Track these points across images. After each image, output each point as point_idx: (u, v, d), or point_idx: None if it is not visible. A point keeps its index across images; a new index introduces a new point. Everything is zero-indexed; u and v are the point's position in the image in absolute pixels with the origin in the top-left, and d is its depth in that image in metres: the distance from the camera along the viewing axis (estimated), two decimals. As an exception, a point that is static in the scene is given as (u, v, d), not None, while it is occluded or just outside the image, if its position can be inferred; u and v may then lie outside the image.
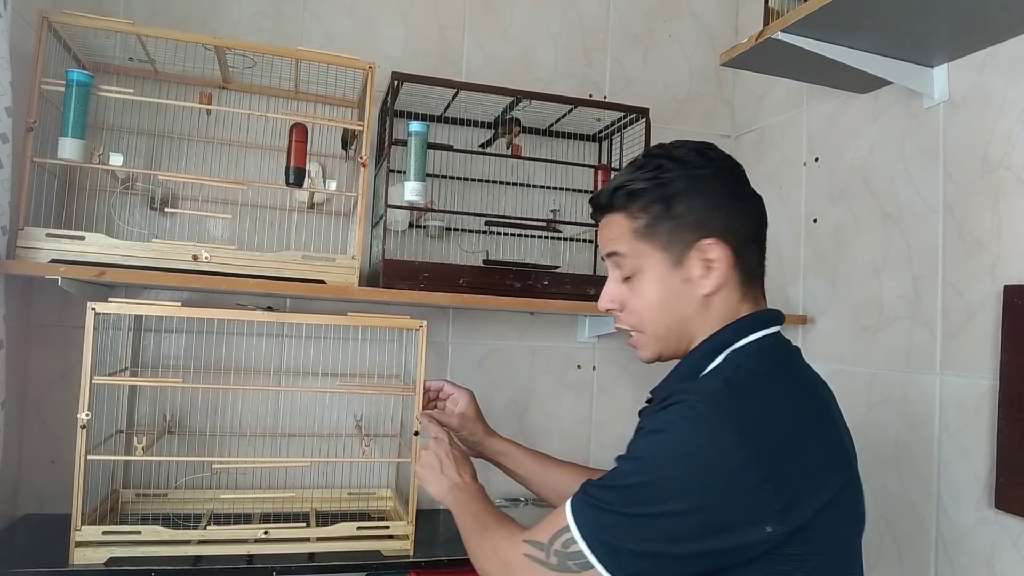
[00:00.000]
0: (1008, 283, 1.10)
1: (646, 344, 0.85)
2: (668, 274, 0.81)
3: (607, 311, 0.87)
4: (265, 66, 1.38)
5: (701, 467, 0.66)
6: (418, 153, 1.34)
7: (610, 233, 0.84)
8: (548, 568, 0.73)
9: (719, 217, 0.79)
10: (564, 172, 1.67)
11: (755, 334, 0.79)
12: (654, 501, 0.67)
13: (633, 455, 0.72)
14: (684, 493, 0.66)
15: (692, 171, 0.79)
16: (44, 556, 1.12)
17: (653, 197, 0.80)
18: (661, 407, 0.72)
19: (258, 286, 1.21)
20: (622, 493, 0.69)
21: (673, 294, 0.81)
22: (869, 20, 1.11)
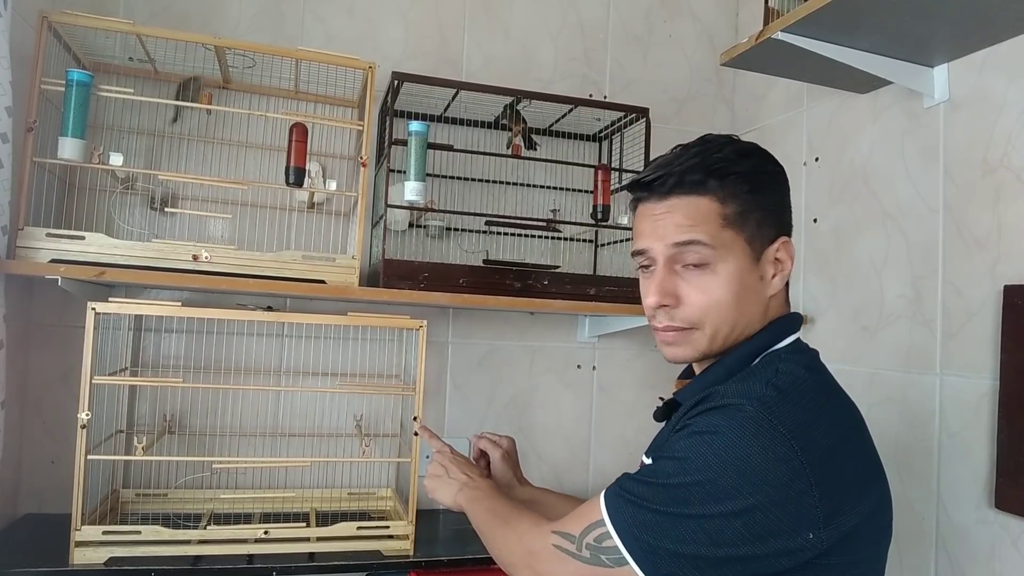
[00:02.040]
0: (1008, 283, 1.10)
1: (696, 342, 0.77)
2: (748, 269, 0.75)
3: (659, 306, 0.77)
4: (265, 66, 1.38)
5: (751, 471, 0.63)
6: (418, 153, 1.34)
7: (687, 217, 0.74)
8: (579, 560, 0.71)
9: (788, 216, 0.77)
10: (564, 172, 1.67)
11: (790, 337, 0.76)
12: (700, 502, 0.64)
13: (676, 455, 0.68)
14: (731, 496, 0.63)
15: (770, 164, 0.77)
16: (44, 556, 1.12)
17: (748, 182, 0.74)
18: (704, 410, 0.70)
19: (258, 286, 1.21)
20: (664, 492, 0.66)
21: (748, 291, 0.75)
22: (869, 20, 1.11)
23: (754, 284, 0.75)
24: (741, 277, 0.75)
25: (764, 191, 0.75)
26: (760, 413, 0.65)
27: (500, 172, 1.62)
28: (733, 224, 0.74)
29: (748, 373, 0.73)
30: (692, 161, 0.74)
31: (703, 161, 0.74)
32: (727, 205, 0.74)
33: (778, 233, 0.76)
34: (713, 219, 0.74)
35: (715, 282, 0.74)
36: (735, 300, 0.75)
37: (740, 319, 0.75)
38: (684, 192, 0.74)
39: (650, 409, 1.90)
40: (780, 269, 0.76)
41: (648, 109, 1.51)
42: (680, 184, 0.74)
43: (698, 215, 0.74)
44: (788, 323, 0.77)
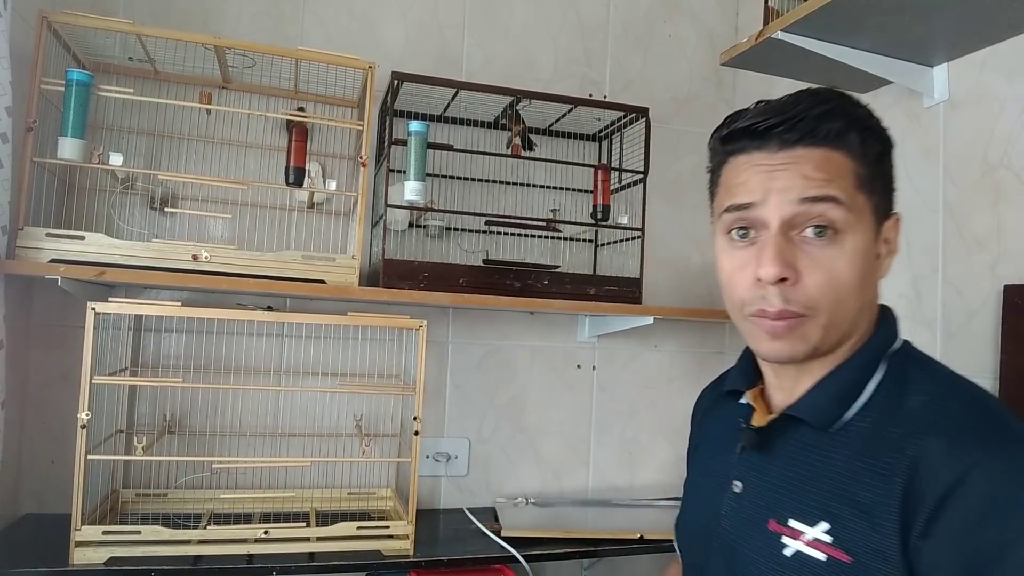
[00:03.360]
0: (1008, 283, 1.10)
1: (807, 334, 0.62)
2: (871, 244, 0.63)
3: (777, 280, 0.60)
4: (265, 66, 1.38)
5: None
6: (418, 153, 1.34)
7: (819, 169, 0.61)
8: None
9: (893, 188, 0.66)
10: (564, 172, 1.67)
11: (900, 332, 0.66)
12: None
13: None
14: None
15: (875, 119, 0.65)
16: (44, 556, 1.12)
17: (881, 143, 0.64)
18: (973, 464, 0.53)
19: (258, 286, 1.21)
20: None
21: (869, 271, 0.63)
22: (869, 20, 1.11)
23: (873, 263, 0.64)
24: (867, 251, 0.62)
25: (889, 156, 0.65)
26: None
27: (500, 172, 1.62)
28: (865, 187, 0.62)
29: (893, 386, 0.62)
30: (825, 107, 0.61)
31: (842, 110, 0.62)
32: (862, 165, 0.62)
33: (891, 205, 0.65)
34: (850, 177, 0.61)
35: (841, 257, 0.61)
36: (860, 279, 0.62)
37: (859, 303, 0.63)
38: (816, 143, 0.61)
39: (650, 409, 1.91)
40: (889, 251, 0.66)
41: (648, 109, 1.51)
42: (813, 133, 0.61)
43: (835, 170, 0.61)
44: (893, 316, 0.67)
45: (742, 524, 0.67)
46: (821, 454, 0.62)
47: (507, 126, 1.53)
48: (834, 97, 0.63)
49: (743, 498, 0.68)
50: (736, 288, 0.64)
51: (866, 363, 0.64)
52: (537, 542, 1.36)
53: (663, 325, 1.74)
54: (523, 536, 1.36)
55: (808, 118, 0.61)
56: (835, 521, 0.57)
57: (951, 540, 0.52)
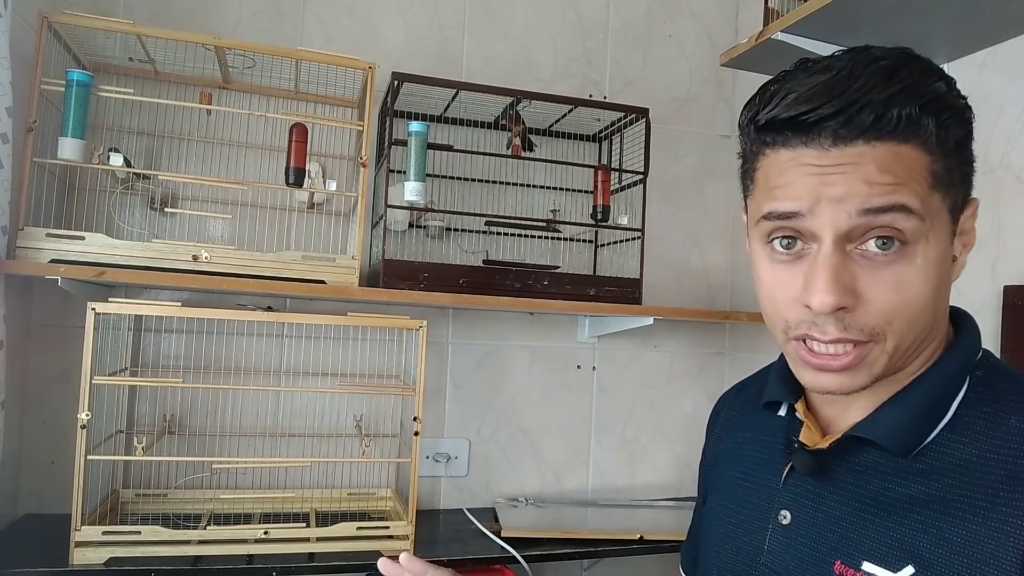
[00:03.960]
0: (1008, 283, 1.10)
1: (872, 363, 0.51)
2: (948, 247, 0.52)
3: (837, 309, 0.49)
4: (265, 66, 1.38)
5: None
6: (418, 153, 1.34)
7: (885, 171, 0.48)
8: None
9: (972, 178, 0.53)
10: (564, 172, 1.67)
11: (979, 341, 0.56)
12: None
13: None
14: None
15: (954, 96, 0.51)
16: (44, 556, 1.12)
17: (964, 125, 0.51)
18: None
19: (258, 286, 1.21)
20: None
21: (944, 278, 0.52)
22: (869, 20, 1.11)
23: (948, 268, 0.53)
24: (942, 263, 0.51)
25: (970, 138, 0.52)
26: None
27: (500, 172, 1.62)
28: (941, 184, 0.50)
29: (974, 406, 0.53)
30: (896, 88, 0.48)
31: (916, 88, 0.49)
32: (939, 157, 0.50)
33: (969, 193, 0.53)
34: (922, 175, 0.49)
35: (911, 272, 0.49)
36: (933, 298, 0.51)
37: (930, 324, 0.53)
38: (882, 136, 0.48)
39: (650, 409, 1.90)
40: (966, 243, 0.54)
41: (648, 109, 1.51)
42: (879, 124, 0.48)
43: (902, 169, 0.48)
44: (972, 321, 0.57)
45: (795, 563, 0.57)
46: (899, 483, 0.52)
47: (507, 126, 1.53)
48: (904, 69, 0.49)
49: (793, 532, 0.58)
50: (779, 308, 0.54)
51: (951, 376, 0.54)
52: (537, 542, 1.36)
53: (663, 325, 1.74)
54: (523, 536, 1.36)
55: (873, 103, 0.48)
56: (923, 565, 0.49)
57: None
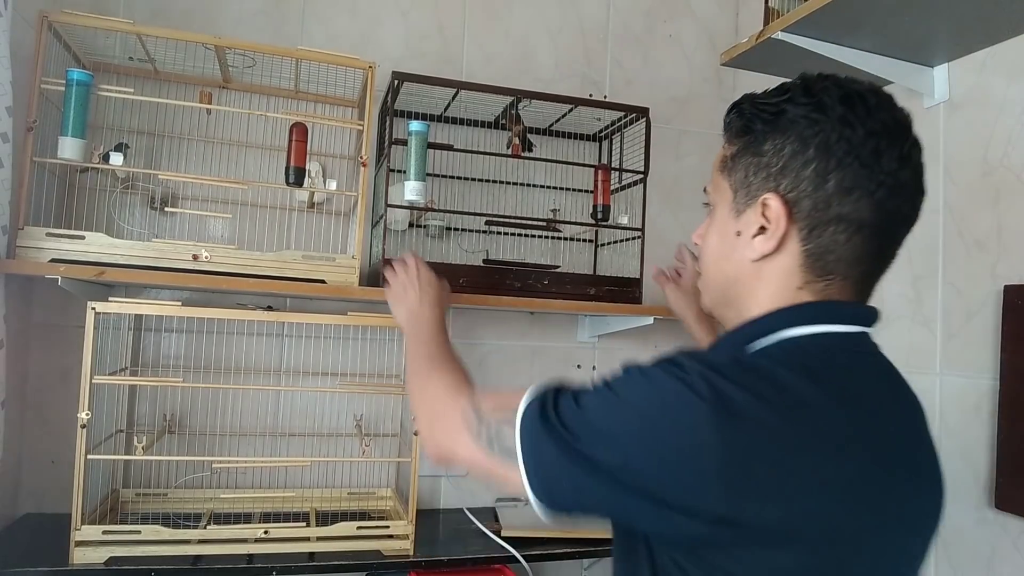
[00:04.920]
0: (1008, 283, 1.10)
1: (703, 290, 0.76)
2: (729, 221, 0.69)
3: (695, 244, 0.76)
4: (265, 66, 1.38)
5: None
6: (418, 153, 1.34)
7: (717, 159, 0.72)
8: (473, 440, 0.68)
9: (802, 174, 0.63)
10: (564, 172, 1.67)
11: (816, 326, 0.63)
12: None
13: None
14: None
15: (796, 107, 0.64)
16: (44, 556, 1.12)
17: (746, 126, 0.67)
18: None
19: (258, 286, 1.21)
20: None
21: (726, 246, 0.69)
22: (869, 20, 1.11)
23: (732, 240, 0.69)
24: (723, 228, 0.70)
25: (771, 139, 0.65)
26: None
27: (500, 172, 1.62)
28: (725, 169, 0.70)
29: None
30: (738, 100, 0.71)
31: (741, 100, 0.70)
32: (727, 148, 0.70)
33: (770, 189, 0.65)
34: (718, 161, 0.71)
35: (710, 228, 0.72)
36: (715, 252, 0.71)
37: (724, 276, 0.70)
38: (726, 134, 0.72)
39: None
40: (765, 230, 0.65)
41: (648, 109, 1.51)
42: (725, 125, 0.72)
43: (717, 156, 0.72)
44: (817, 311, 0.64)
45: None
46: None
47: (507, 126, 1.53)
48: (751, 94, 0.70)
49: None
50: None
51: (741, 339, 0.66)
52: (537, 542, 1.36)
53: (663, 325, 1.74)
54: (523, 536, 1.37)
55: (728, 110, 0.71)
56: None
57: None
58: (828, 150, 0.62)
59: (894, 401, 0.65)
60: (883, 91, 0.65)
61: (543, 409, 0.62)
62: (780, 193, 0.64)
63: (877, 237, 0.64)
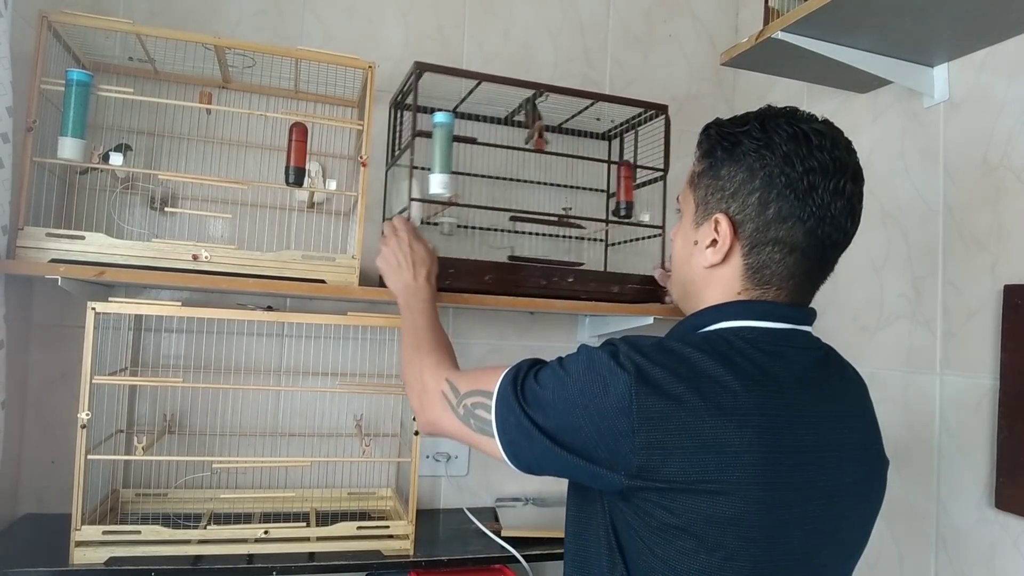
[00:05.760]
0: (1008, 283, 1.10)
1: (671, 285, 0.91)
2: (690, 230, 0.82)
3: (671, 239, 0.89)
4: (265, 66, 1.38)
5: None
6: (444, 145, 1.28)
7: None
8: (455, 415, 0.83)
9: (748, 201, 0.75)
10: (573, 171, 1.64)
11: (743, 321, 0.75)
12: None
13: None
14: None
15: (750, 141, 0.75)
16: (44, 556, 1.12)
17: (710, 150, 0.80)
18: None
19: (258, 286, 1.21)
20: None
21: (686, 251, 0.82)
22: (869, 20, 1.11)
23: (691, 248, 0.81)
24: (684, 237, 0.83)
25: (727, 165, 0.77)
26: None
27: (506, 169, 1.59)
28: (692, 184, 0.82)
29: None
30: (713, 122, 0.84)
31: (714, 123, 0.83)
32: (696, 166, 0.82)
33: (722, 209, 0.77)
34: (689, 174, 0.84)
35: (676, 234, 0.86)
36: (678, 256, 0.85)
37: (684, 278, 0.84)
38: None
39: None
40: (697, 239, 0.80)
41: (667, 106, 1.46)
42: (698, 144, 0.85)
43: (690, 169, 0.85)
44: (740, 308, 0.77)
45: None
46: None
47: (524, 122, 1.50)
48: (719, 120, 0.83)
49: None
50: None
51: (681, 331, 0.80)
52: (537, 542, 1.36)
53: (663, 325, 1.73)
54: (523, 536, 1.37)
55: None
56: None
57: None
58: (771, 182, 0.73)
59: (818, 387, 0.74)
60: (830, 130, 0.75)
61: (513, 384, 0.77)
62: (729, 214, 0.76)
63: (808, 258, 0.75)
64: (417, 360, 0.95)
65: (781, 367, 0.72)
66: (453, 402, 0.83)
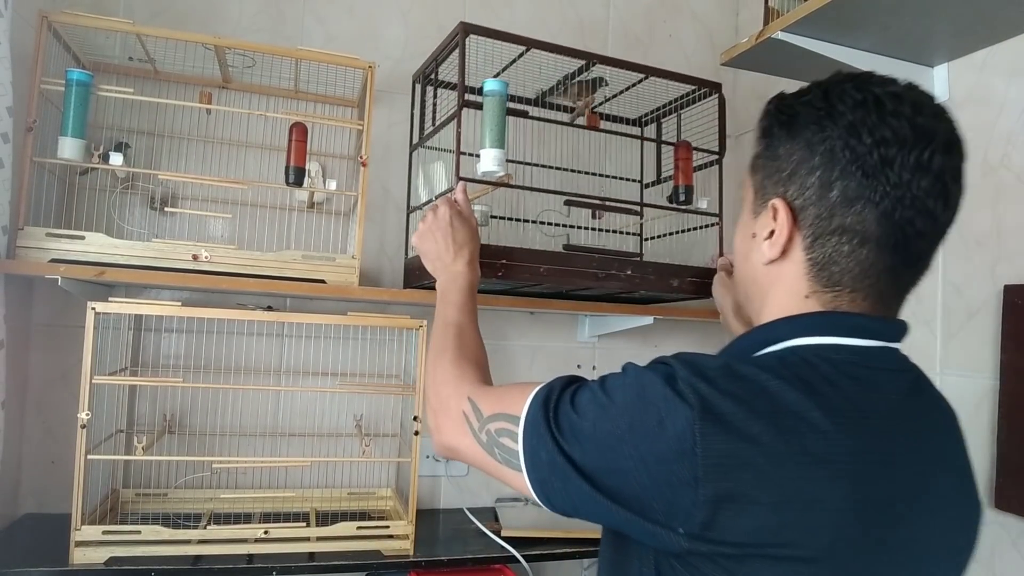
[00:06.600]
0: (1008, 283, 1.10)
1: (736, 287, 0.78)
2: (749, 221, 0.69)
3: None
4: (265, 66, 1.38)
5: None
6: (496, 116, 1.15)
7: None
8: (476, 442, 0.69)
9: (807, 182, 0.62)
10: (601, 157, 1.56)
11: (824, 338, 0.61)
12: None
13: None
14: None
15: (809, 111, 0.63)
16: (44, 556, 1.12)
17: (768, 127, 0.67)
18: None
19: (258, 286, 1.21)
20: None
21: (745, 246, 0.70)
22: (869, 20, 1.11)
23: (749, 240, 0.69)
24: (742, 226, 0.70)
25: (785, 142, 0.64)
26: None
27: (532, 154, 1.50)
28: (751, 167, 0.69)
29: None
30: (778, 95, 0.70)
31: (778, 95, 0.69)
32: (757, 146, 0.69)
33: (779, 193, 0.64)
34: (751, 157, 0.70)
35: (738, 224, 0.72)
36: (737, 248, 0.72)
37: (745, 273, 0.71)
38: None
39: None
40: (755, 232, 0.67)
41: (720, 84, 1.39)
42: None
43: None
44: (825, 321, 0.62)
45: None
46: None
47: (576, 95, 1.35)
48: (782, 93, 0.68)
49: None
50: None
51: (750, 345, 0.65)
52: (537, 542, 1.36)
53: (663, 325, 1.74)
54: (523, 536, 1.37)
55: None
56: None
57: None
58: (832, 158, 0.60)
59: (913, 421, 0.61)
60: (911, 93, 0.61)
61: (545, 408, 0.63)
62: (787, 199, 0.63)
63: (886, 250, 0.60)
64: (440, 368, 0.81)
65: (875, 399, 0.59)
66: (475, 426, 0.70)
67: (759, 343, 0.64)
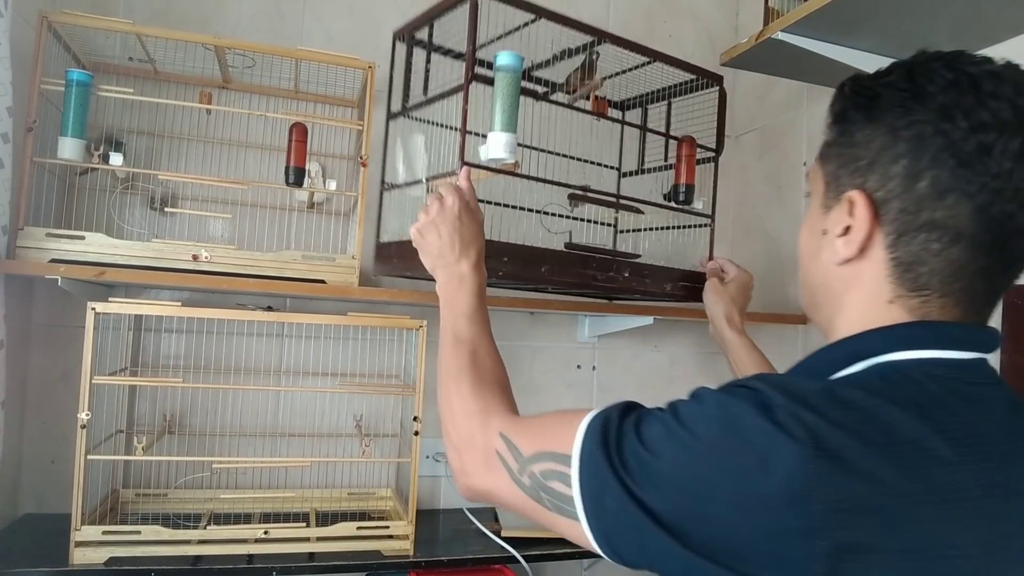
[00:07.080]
0: (1008, 283, 1.10)
1: (799, 290, 0.67)
2: (818, 216, 0.61)
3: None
4: (265, 66, 1.38)
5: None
6: (509, 96, 0.99)
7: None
8: (516, 486, 0.59)
9: (890, 172, 0.54)
10: (592, 142, 1.50)
11: (922, 351, 0.54)
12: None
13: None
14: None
15: (893, 93, 0.55)
16: (44, 556, 1.12)
17: (842, 112, 0.60)
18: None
19: (258, 286, 1.21)
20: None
21: (814, 244, 0.62)
22: (869, 20, 1.11)
23: (819, 238, 0.61)
24: (810, 223, 0.62)
25: (864, 127, 0.57)
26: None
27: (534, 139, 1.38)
28: (820, 156, 0.62)
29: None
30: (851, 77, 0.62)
31: (852, 76, 0.62)
32: (828, 132, 0.62)
33: (856, 184, 0.57)
34: (821, 148, 0.63)
35: (805, 219, 0.64)
36: (803, 247, 0.64)
37: (812, 277, 0.62)
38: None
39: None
40: (826, 228, 0.60)
41: (722, 77, 1.35)
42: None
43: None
44: (923, 332, 0.55)
45: None
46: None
47: (579, 77, 1.28)
48: (858, 74, 0.62)
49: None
50: None
51: (832, 360, 0.57)
52: (537, 542, 1.36)
53: (663, 325, 1.74)
54: (523, 536, 1.36)
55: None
56: None
57: None
58: (921, 145, 0.53)
59: (1019, 442, 0.54)
60: (1012, 73, 0.53)
61: (604, 444, 0.54)
62: (866, 191, 0.56)
63: (981, 250, 0.53)
64: (458, 396, 0.71)
65: (988, 421, 0.52)
66: (514, 468, 0.60)
67: (848, 357, 0.56)
